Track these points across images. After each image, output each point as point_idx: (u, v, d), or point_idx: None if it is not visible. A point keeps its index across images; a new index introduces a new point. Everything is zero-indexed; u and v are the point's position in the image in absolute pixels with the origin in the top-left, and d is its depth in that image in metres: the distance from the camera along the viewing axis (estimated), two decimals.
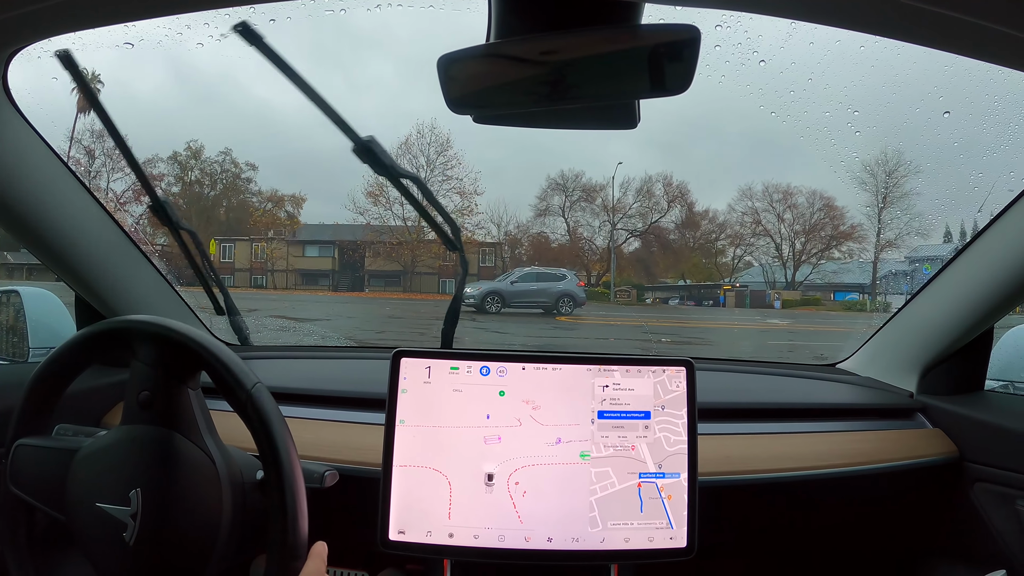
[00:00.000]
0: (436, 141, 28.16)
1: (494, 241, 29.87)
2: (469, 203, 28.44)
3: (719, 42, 1.25)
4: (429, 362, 1.21)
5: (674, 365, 1.23)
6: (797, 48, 1.60)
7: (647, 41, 0.87)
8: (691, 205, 30.25)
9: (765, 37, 1.42)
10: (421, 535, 1.17)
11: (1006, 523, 1.40)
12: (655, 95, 0.92)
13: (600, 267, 29.17)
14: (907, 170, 24.53)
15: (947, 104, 2.08)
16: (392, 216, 27.69)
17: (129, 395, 0.93)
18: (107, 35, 1.03)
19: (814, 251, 28.97)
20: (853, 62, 1.62)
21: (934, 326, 1.58)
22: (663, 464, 1.20)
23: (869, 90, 3.96)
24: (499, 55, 0.91)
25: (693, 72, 0.87)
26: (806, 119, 5.17)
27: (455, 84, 0.93)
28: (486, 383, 1.21)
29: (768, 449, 1.43)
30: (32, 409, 0.99)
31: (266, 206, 29.17)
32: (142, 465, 0.89)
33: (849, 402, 1.67)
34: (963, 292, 1.48)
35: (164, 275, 1.69)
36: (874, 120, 4.04)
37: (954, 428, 1.52)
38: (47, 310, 1.73)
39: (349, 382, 1.63)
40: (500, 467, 1.18)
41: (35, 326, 1.67)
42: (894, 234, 26.11)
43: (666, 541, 1.18)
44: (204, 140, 29.07)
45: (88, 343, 0.97)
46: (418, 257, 26.83)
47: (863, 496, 1.48)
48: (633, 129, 1.04)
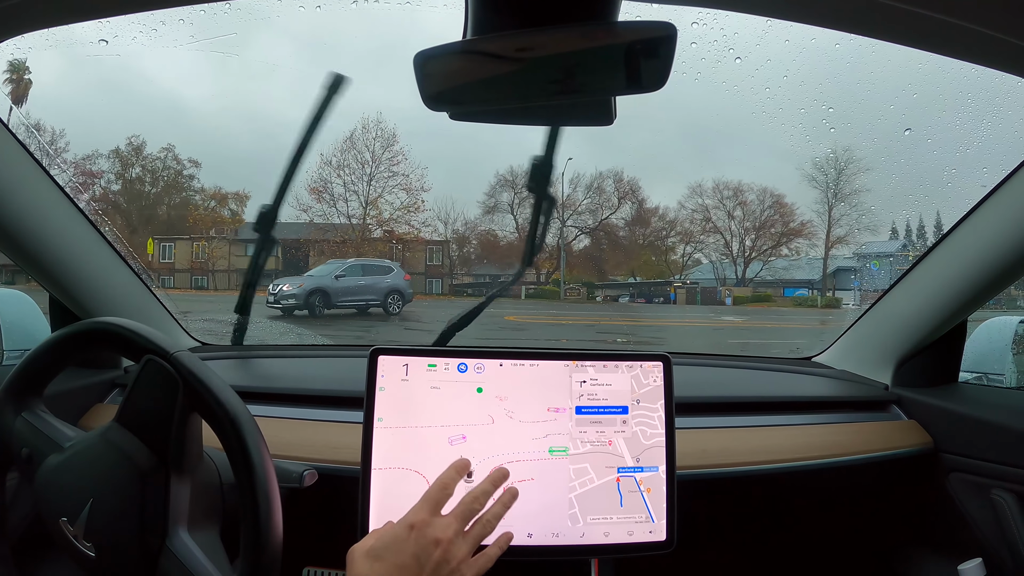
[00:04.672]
0: (382, 136, 27.07)
1: (441, 239, 29.18)
2: (415, 200, 27.65)
3: (695, 39, 1.26)
4: (407, 359, 1.21)
5: (651, 360, 1.24)
6: (773, 46, 1.62)
7: (624, 38, 0.87)
8: (642, 202, 30.00)
9: (741, 35, 1.44)
10: None
11: (981, 512, 1.42)
12: (631, 92, 0.92)
13: (549, 265, 28.83)
14: (857, 167, 24.87)
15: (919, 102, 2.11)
16: (336, 214, 26.91)
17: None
18: (80, 31, 1.02)
19: (764, 248, 29.10)
20: (828, 59, 1.64)
21: (909, 319, 1.60)
22: (641, 458, 1.20)
23: (843, 87, 4.00)
24: (476, 51, 0.91)
25: (669, 69, 0.87)
26: (781, 116, 5.23)
27: (431, 80, 0.92)
28: (464, 380, 1.21)
29: (745, 442, 1.44)
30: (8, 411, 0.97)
31: (209, 204, 28.07)
32: (98, 476, 0.88)
33: (825, 395, 1.68)
34: (938, 285, 1.50)
35: (139, 275, 1.67)
36: (848, 116, 4.07)
37: (929, 419, 1.54)
38: (21, 312, 1.71)
39: (326, 380, 1.62)
40: (478, 464, 1.17)
41: (9, 328, 1.65)
42: (844, 230, 26.46)
43: (646, 535, 1.19)
44: (146, 136, 27.60)
45: (63, 345, 0.96)
46: (363, 255, 25.04)
47: (840, 488, 1.49)
48: (610, 125, 1.04)
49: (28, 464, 0.93)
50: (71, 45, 1.02)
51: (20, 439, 0.94)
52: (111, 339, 0.91)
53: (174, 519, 0.85)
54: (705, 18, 1.15)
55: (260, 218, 1.70)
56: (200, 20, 1.00)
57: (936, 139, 3.11)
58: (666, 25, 0.84)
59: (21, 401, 0.97)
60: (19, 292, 1.76)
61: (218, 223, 26.79)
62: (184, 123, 33.44)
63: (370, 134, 26.98)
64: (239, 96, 34.33)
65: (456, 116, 1.02)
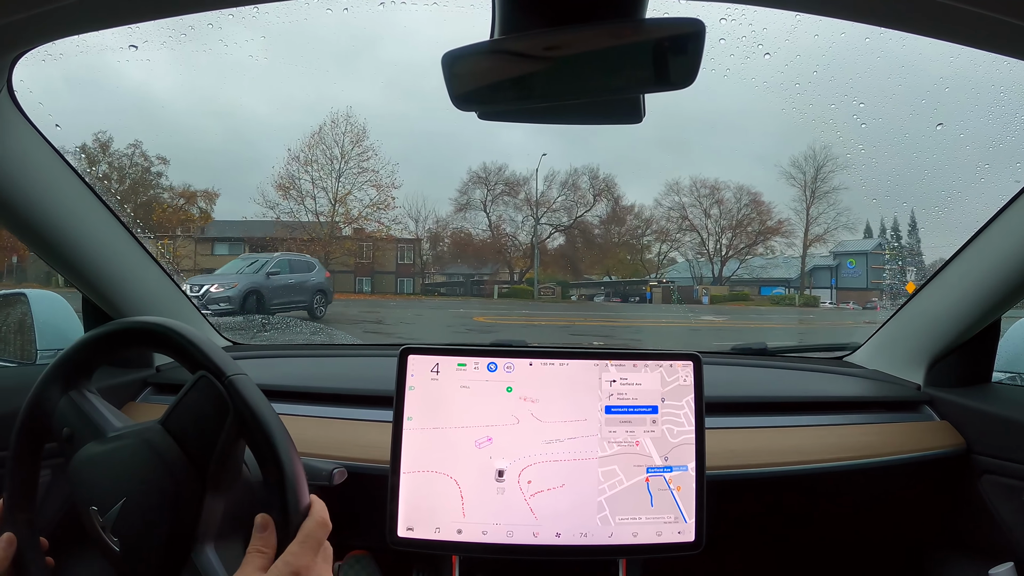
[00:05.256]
0: (351, 131, 26.42)
1: (412, 237, 28.70)
2: (385, 197, 27.04)
3: (724, 35, 1.25)
4: (436, 359, 1.21)
5: (681, 359, 1.24)
6: (802, 40, 1.60)
7: (651, 35, 0.87)
8: (618, 199, 29.47)
9: (770, 30, 1.42)
10: (430, 532, 1.17)
11: (1014, 515, 1.40)
12: (660, 89, 0.92)
13: (523, 264, 28.46)
14: (835, 165, 24.69)
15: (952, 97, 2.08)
16: (304, 211, 26.21)
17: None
18: (111, 38, 1.04)
19: (741, 246, 28.79)
20: (858, 54, 1.62)
21: (941, 318, 1.57)
22: (669, 457, 1.20)
23: (874, 81, 3.96)
24: (503, 51, 0.91)
25: (698, 65, 0.87)
26: (811, 112, 5.19)
27: (460, 81, 0.93)
28: (493, 379, 1.21)
29: (775, 443, 1.43)
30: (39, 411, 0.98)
31: (178, 202, 26.98)
32: (134, 476, 0.88)
33: (856, 395, 1.67)
34: (970, 284, 1.48)
35: (170, 275, 1.69)
36: (880, 111, 4.02)
37: (961, 420, 1.52)
38: (54, 312, 1.74)
39: (356, 379, 1.63)
40: (510, 463, 1.18)
41: (42, 328, 1.68)
42: (822, 228, 26.27)
43: (675, 535, 1.18)
44: (113, 132, 26.80)
45: (121, 336, 0.97)
46: (331, 254, 25.34)
47: (870, 489, 1.47)
48: (639, 123, 1.04)
49: (68, 444, 0.94)
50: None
51: (63, 418, 0.95)
52: (171, 344, 0.91)
53: (203, 535, 0.85)
54: (733, 13, 1.14)
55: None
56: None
57: (968, 134, 3.06)
58: (694, 21, 0.84)
59: (70, 380, 0.97)
60: (53, 293, 1.79)
61: (184, 221, 26.08)
62: (152, 119, 32.90)
63: (339, 129, 26.48)
64: (208, 92, 33.98)
65: (484, 116, 1.02)
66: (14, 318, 1.82)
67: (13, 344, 1.80)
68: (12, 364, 1.80)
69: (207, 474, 0.86)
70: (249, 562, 0.80)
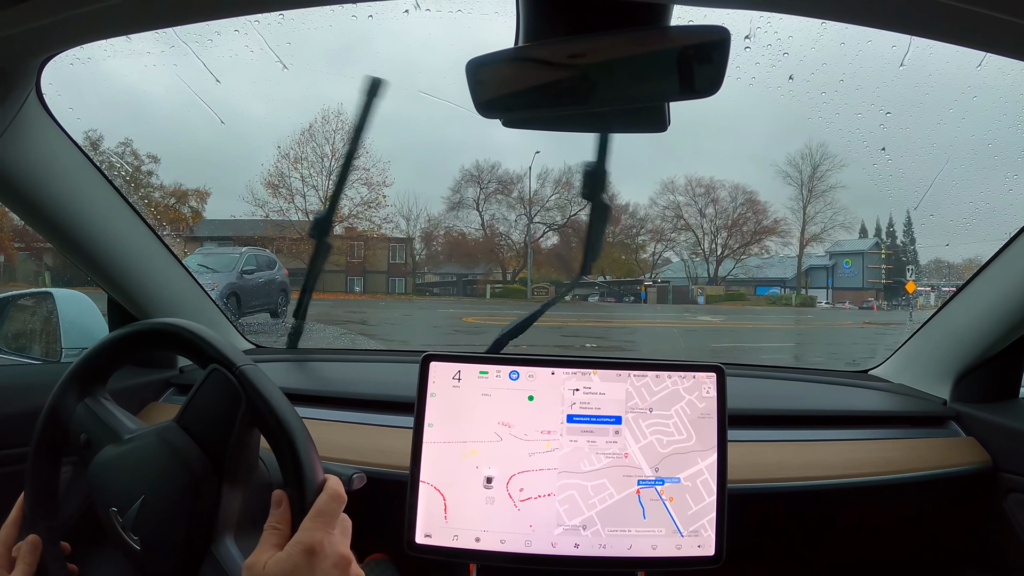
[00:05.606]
0: (343, 128, 26.35)
1: (403, 236, 28.74)
2: (377, 195, 27.10)
3: (749, 44, 1.25)
4: (458, 366, 1.21)
5: (704, 371, 1.23)
6: (828, 49, 1.59)
7: (676, 43, 0.87)
8: (612, 197, 29.43)
9: (796, 38, 1.41)
10: (448, 539, 1.17)
11: None
12: (685, 97, 0.91)
13: (516, 263, 28.52)
14: (832, 164, 24.46)
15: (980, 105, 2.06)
16: (294, 209, 26.17)
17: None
18: (138, 42, 1.05)
19: (737, 246, 28.62)
20: (884, 62, 1.61)
21: (968, 332, 1.55)
22: (659, 468, 1.20)
23: (901, 90, 3.92)
24: (527, 59, 0.91)
25: (723, 74, 0.87)
26: (838, 120, 5.16)
27: (484, 88, 0.93)
28: (515, 387, 1.21)
29: (798, 457, 1.41)
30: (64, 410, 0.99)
31: (169, 201, 27.28)
32: (152, 475, 0.89)
33: (881, 409, 1.64)
34: (998, 297, 1.45)
35: (195, 277, 1.71)
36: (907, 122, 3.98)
37: (988, 436, 1.49)
38: (80, 311, 1.76)
39: (378, 385, 1.63)
40: (530, 475, 1.18)
41: (68, 327, 1.70)
42: (819, 227, 26.08)
43: (694, 549, 1.17)
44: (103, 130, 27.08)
45: (133, 340, 0.98)
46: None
47: (894, 505, 1.45)
48: (663, 132, 1.04)
49: (86, 450, 0.95)
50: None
51: (80, 425, 0.96)
52: (180, 342, 0.93)
53: (222, 527, 0.86)
54: (758, 21, 1.13)
55: (315, 224, 1.80)
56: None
57: (997, 144, 3.02)
58: (719, 29, 0.83)
59: (85, 388, 0.98)
60: (79, 292, 1.81)
61: (174, 221, 26.12)
62: (143, 118, 32.97)
63: (330, 126, 26.57)
64: (201, 91, 34.37)
65: (509, 123, 1.02)
66: (40, 316, 1.85)
67: (39, 342, 1.83)
68: (37, 362, 1.83)
69: (223, 466, 0.87)
70: (265, 540, 0.81)
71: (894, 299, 26.01)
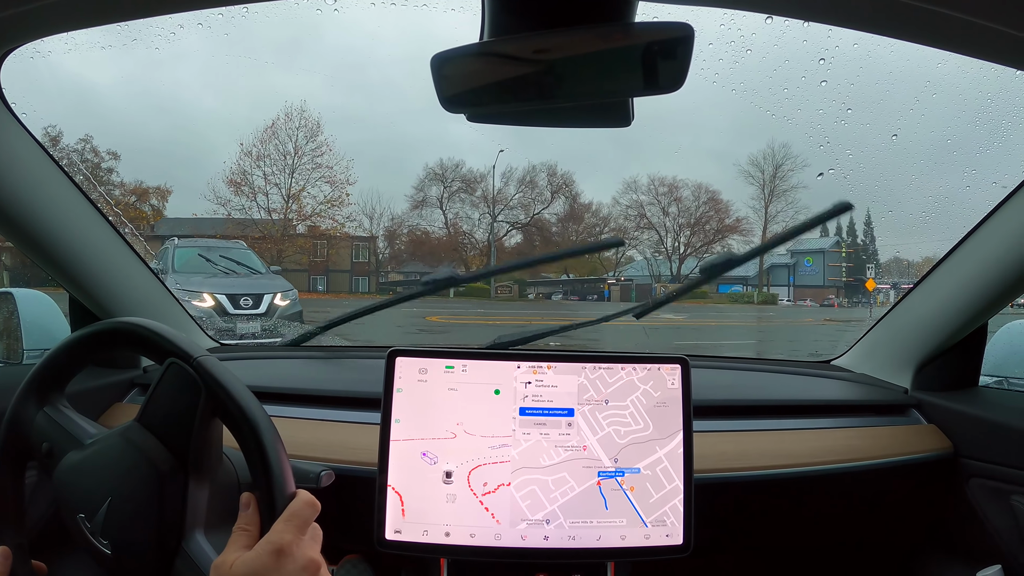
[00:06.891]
0: (305, 126, 26.67)
1: (367, 235, 28.63)
2: (340, 193, 27.00)
3: (712, 40, 1.26)
4: (424, 361, 1.21)
5: (669, 363, 1.24)
6: (791, 46, 1.60)
7: (640, 39, 0.87)
8: (576, 197, 29.60)
9: (759, 35, 1.43)
10: (417, 534, 1.17)
11: (1001, 519, 1.41)
12: (649, 93, 0.92)
13: (480, 262, 28.58)
14: (794, 164, 24.78)
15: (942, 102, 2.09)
16: (256, 207, 25.86)
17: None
18: (100, 35, 1.03)
19: (699, 244, 28.92)
20: (847, 59, 1.63)
21: (929, 322, 1.58)
22: (619, 458, 1.21)
23: (863, 87, 3.97)
24: (492, 53, 0.91)
25: (687, 70, 0.88)
26: (798, 117, 5.23)
27: (448, 83, 0.93)
28: (480, 381, 1.21)
29: (763, 446, 1.43)
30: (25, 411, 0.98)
31: (130, 199, 26.80)
32: (117, 475, 0.88)
33: (844, 398, 1.67)
34: (957, 289, 1.49)
35: (158, 276, 1.69)
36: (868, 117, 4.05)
37: (949, 424, 1.52)
38: (41, 312, 1.72)
39: (344, 381, 1.63)
40: (498, 467, 1.18)
41: (29, 328, 1.67)
42: (780, 226, 26.51)
43: (663, 539, 1.18)
44: (63, 127, 26.28)
45: (87, 343, 0.97)
46: (284, 252, 24.74)
47: (858, 492, 1.48)
48: (627, 127, 1.04)
49: (48, 459, 0.94)
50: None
51: (41, 434, 0.95)
52: (135, 340, 0.92)
53: (191, 522, 0.85)
54: (722, 18, 1.14)
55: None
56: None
57: (956, 140, 3.07)
58: (683, 26, 0.84)
59: (43, 396, 0.97)
60: (40, 292, 1.77)
61: (135, 219, 25.54)
62: (103, 114, 32.48)
63: (293, 123, 26.66)
64: (161, 87, 33.49)
65: (473, 118, 1.03)
66: (1, 317, 1.81)
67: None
68: None
69: (188, 461, 0.86)
70: (234, 541, 0.80)
71: (854, 296, 26.49)
